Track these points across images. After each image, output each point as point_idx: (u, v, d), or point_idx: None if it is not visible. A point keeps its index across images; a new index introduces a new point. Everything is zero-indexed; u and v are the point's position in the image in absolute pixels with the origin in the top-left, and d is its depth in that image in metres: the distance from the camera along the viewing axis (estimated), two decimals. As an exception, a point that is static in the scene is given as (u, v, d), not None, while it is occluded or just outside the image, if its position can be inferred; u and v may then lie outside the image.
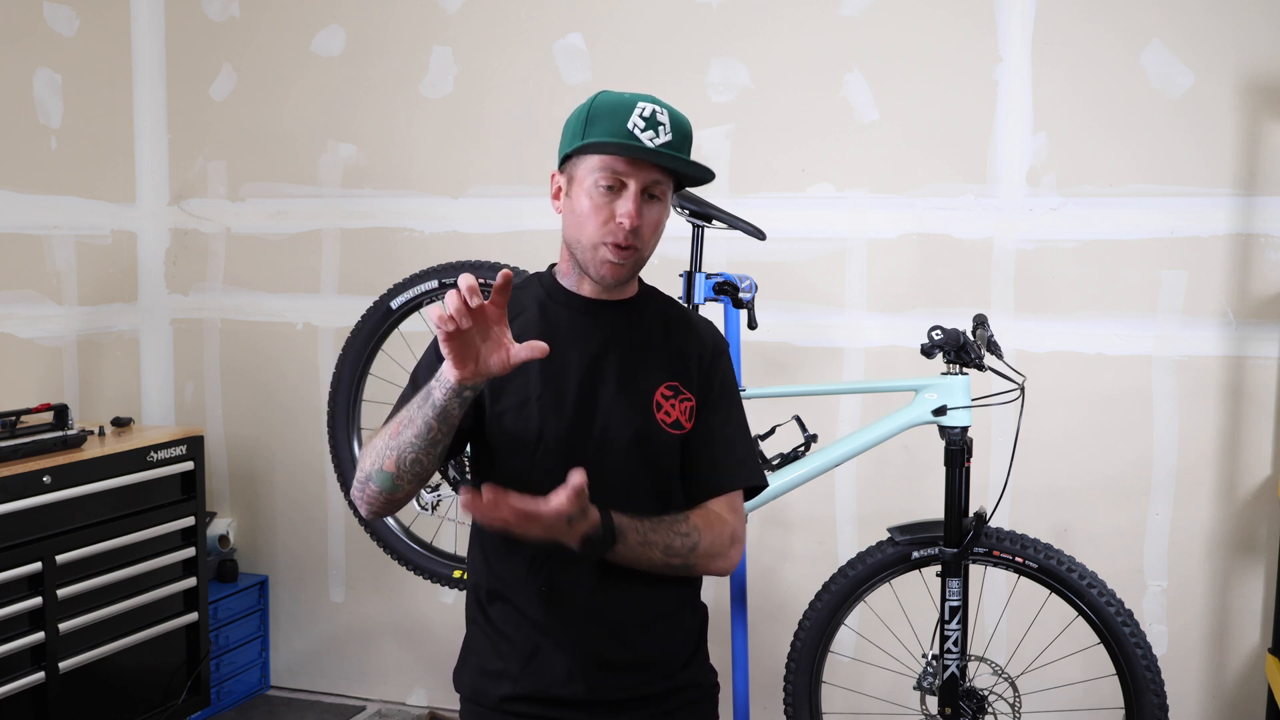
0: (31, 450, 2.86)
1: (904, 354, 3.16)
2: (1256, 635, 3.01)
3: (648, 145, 1.66)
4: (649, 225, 1.70)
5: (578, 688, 1.72)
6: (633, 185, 1.66)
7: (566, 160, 1.72)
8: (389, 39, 3.58)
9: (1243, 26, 2.90)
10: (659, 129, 1.67)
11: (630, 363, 1.76)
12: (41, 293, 3.45)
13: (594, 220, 1.68)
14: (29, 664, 2.83)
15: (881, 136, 3.17)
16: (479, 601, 1.80)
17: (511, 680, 1.74)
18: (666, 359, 1.79)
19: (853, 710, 3.23)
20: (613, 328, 1.77)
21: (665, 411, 1.75)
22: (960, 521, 2.53)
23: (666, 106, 1.70)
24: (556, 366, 1.72)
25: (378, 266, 3.59)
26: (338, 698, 3.77)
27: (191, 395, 3.88)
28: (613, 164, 1.66)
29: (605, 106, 1.68)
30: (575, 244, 1.72)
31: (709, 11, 3.28)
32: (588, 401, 1.72)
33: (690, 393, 1.78)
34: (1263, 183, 2.91)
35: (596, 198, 1.67)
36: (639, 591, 1.74)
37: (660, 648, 1.78)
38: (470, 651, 1.81)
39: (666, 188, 1.71)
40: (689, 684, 1.82)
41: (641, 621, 1.76)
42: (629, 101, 1.68)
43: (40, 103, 3.43)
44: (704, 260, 2.78)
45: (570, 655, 1.72)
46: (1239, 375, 2.97)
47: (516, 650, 1.74)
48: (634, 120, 1.66)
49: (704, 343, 1.85)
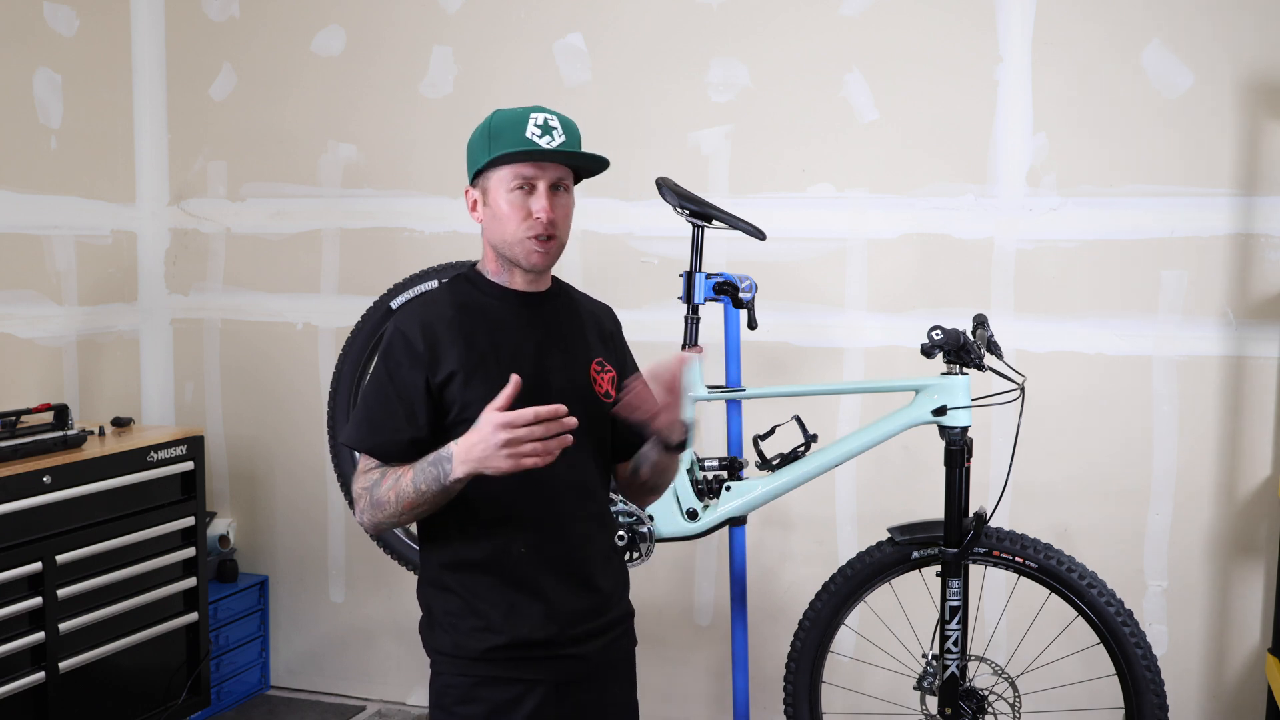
0: (31, 450, 2.86)
1: (904, 354, 3.15)
2: (1256, 635, 3.01)
3: (547, 148, 1.90)
4: (562, 214, 1.95)
5: (552, 629, 1.94)
6: (542, 184, 1.92)
7: (478, 175, 1.96)
8: (389, 39, 3.58)
9: (1243, 27, 2.90)
10: (553, 133, 1.92)
11: (569, 344, 2.01)
12: (41, 293, 3.45)
13: (514, 219, 1.92)
14: (29, 664, 2.83)
15: (881, 136, 3.17)
16: (448, 570, 1.97)
17: (494, 633, 1.93)
18: (592, 339, 2.06)
19: (853, 710, 3.23)
20: (550, 315, 2.01)
21: (598, 384, 2.02)
22: (960, 521, 2.53)
23: (554, 113, 1.94)
24: (513, 353, 1.94)
25: (378, 266, 3.59)
26: (338, 698, 3.77)
27: (191, 395, 3.88)
28: (521, 169, 1.91)
29: (504, 123, 1.93)
30: (501, 244, 1.95)
31: (709, 11, 3.28)
32: (544, 380, 1.94)
33: (611, 366, 2.06)
34: (1262, 183, 2.91)
35: (513, 200, 1.91)
36: (594, 537, 2.02)
37: (609, 583, 2.05)
38: (445, 614, 1.97)
39: (570, 181, 1.98)
40: (625, 613, 2.11)
41: (597, 564, 2.02)
42: (522, 115, 1.92)
43: (40, 103, 3.43)
44: (704, 260, 2.78)
45: (543, 602, 1.94)
46: (1239, 375, 2.97)
47: (495, 608, 1.93)
48: (530, 130, 1.90)
49: (608, 320, 2.14)
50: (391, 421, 1.90)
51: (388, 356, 1.94)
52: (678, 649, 3.45)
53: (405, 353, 1.91)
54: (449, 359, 1.91)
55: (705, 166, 3.31)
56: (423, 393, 1.90)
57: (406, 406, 1.90)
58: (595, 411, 1.99)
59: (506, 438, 1.72)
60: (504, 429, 1.72)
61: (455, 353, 1.91)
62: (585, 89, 3.40)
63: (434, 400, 1.91)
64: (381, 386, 1.93)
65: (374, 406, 1.93)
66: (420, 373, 1.90)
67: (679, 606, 3.44)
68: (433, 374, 1.90)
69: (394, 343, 1.94)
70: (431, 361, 1.90)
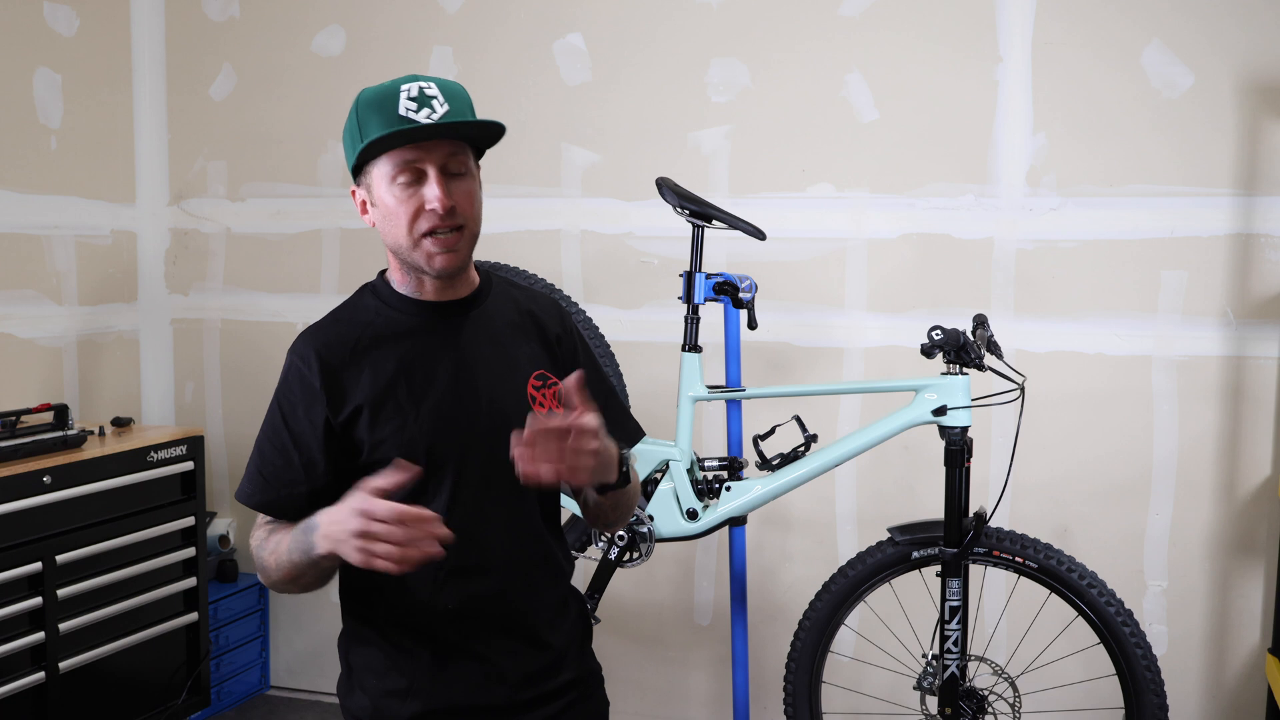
0: (31, 450, 2.86)
1: (904, 354, 3.16)
2: (1256, 635, 3.01)
3: (427, 123, 1.57)
4: (464, 199, 1.61)
5: (498, 694, 1.67)
6: (430, 168, 1.59)
7: (359, 173, 1.65)
8: (389, 39, 3.58)
9: (1243, 26, 2.90)
10: (433, 103, 1.58)
11: (497, 360, 1.70)
12: (41, 293, 3.45)
13: (405, 216, 1.60)
14: (29, 664, 2.83)
15: (881, 136, 3.17)
16: (365, 623, 1.72)
17: (421, 696, 1.66)
18: (528, 349, 1.74)
19: (853, 710, 3.23)
20: (470, 327, 1.70)
21: (540, 403, 1.70)
22: (960, 521, 2.53)
23: (433, 79, 1.61)
24: (427, 380, 1.65)
25: (378, 266, 3.54)
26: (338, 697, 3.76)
27: (191, 395, 3.88)
28: (402, 155, 1.58)
29: (371, 102, 1.60)
30: (398, 248, 1.64)
31: (709, 11, 3.28)
32: (468, 407, 1.65)
33: (557, 376, 1.73)
34: (1263, 183, 2.91)
35: (399, 194, 1.60)
36: (538, 584, 1.73)
37: (562, 638, 1.76)
38: (364, 672, 1.71)
39: (466, 157, 1.63)
40: (586, 673, 1.82)
41: (544, 616, 1.73)
42: (392, 89, 1.59)
43: (40, 103, 3.43)
44: (704, 260, 2.78)
45: (483, 662, 1.67)
46: (1239, 375, 2.97)
47: (418, 665, 1.67)
48: (404, 105, 1.57)
49: (554, 319, 1.80)
50: (288, 474, 1.64)
51: (282, 396, 1.65)
52: (678, 649, 3.45)
53: (300, 390, 1.63)
54: (352, 392, 1.62)
55: (705, 166, 3.31)
56: (322, 437, 1.62)
57: (305, 455, 1.63)
58: None
59: (359, 528, 1.43)
60: (360, 517, 1.43)
61: (359, 384, 1.63)
62: (585, 89, 3.40)
63: (338, 441, 1.63)
64: (276, 433, 1.65)
65: (268, 456, 1.65)
66: (319, 411, 1.62)
67: (679, 606, 3.44)
68: (334, 412, 1.62)
69: (288, 378, 1.65)
70: (331, 398, 1.62)
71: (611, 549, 2.78)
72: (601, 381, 1.84)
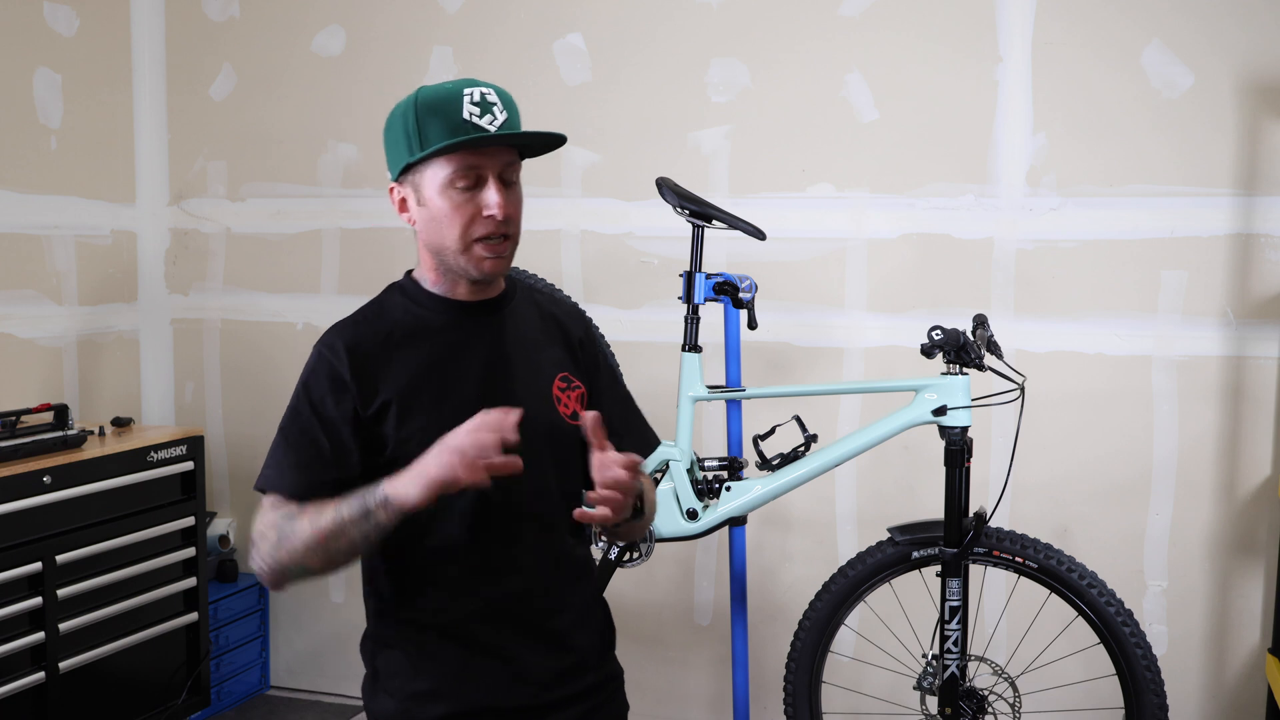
0: (31, 450, 2.86)
1: (904, 354, 3.15)
2: (1256, 635, 3.01)
3: (493, 131, 1.59)
4: (516, 209, 1.65)
5: (523, 695, 1.68)
6: (491, 175, 1.61)
7: (406, 170, 1.64)
8: (389, 39, 3.58)
9: (1243, 26, 2.90)
10: (494, 109, 1.59)
11: (524, 360, 1.72)
12: (41, 293, 3.45)
13: (459, 221, 1.62)
14: (29, 664, 2.83)
15: (881, 136, 3.17)
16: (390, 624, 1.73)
17: (446, 699, 1.66)
18: (552, 351, 1.77)
19: (853, 710, 3.23)
20: (500, 328, 1.72)
21: (564, 404, 1.73)
22: (960, 521, 2.53)
23: (491, 85, 1.62)
24: (456, 378, 1.67)
25: (378, 266, 3.59)
26: (338, 698, 3.76)
27: (191, 395, 3.88)
28: (464, 160, 1.59)
29: (431, 105, 1.60)
30: (442, 250, 1.65)
31: (709, 11, 3.28)
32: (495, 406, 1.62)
33: (579, 380, 1.77)
34: (1263, 183, 2.91)
35: (456, 198, 1.61)
36: (564, 584, 1.74)
37: (587, 639, 1.77)
38: (389, 675, 1.71)
39: (519, 166, 1.67)
40: (609, 675, 1.83)
41: (570, 616, 1.74)
42: (454, 91, 1.59)
43: (40, 103, 3.43)
44: (704, 260, 2.78)
45: (505, 662, 1.68)
46: (1239, 375, 2.97)
47: (444, 667, 1.67)
48: (467, 110, 1.58)
49: (577, 324, 1.84)
50: (318, 461, 1.63)
51: (310, 387, 1.66)
52: (678, 649, 3.45)
53: (330, 381, 1.65)
54: (382, 386, 1.64)
55: (705, 166, 3.31)
56: (352, 428, 1.63)
57: (335, 443, 1.63)
58: (560, 438, 1.71)
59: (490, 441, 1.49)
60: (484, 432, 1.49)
61: (388, 378, 1.64)
62: (585, 89, 3.40)
63: (366, 435, 1.64)
64: (305, 421, 1.65)
65: (298, 445, 1.64)
66: (349, 402, 1.63)
67: (679, 606, 3.44)
68: (363, 405, 1.63)
69: (316, 370, 1.67)
70: (361, 390, 1.63)
71: (611, 549, 2.78)
72: (620, 388, 1.87)
